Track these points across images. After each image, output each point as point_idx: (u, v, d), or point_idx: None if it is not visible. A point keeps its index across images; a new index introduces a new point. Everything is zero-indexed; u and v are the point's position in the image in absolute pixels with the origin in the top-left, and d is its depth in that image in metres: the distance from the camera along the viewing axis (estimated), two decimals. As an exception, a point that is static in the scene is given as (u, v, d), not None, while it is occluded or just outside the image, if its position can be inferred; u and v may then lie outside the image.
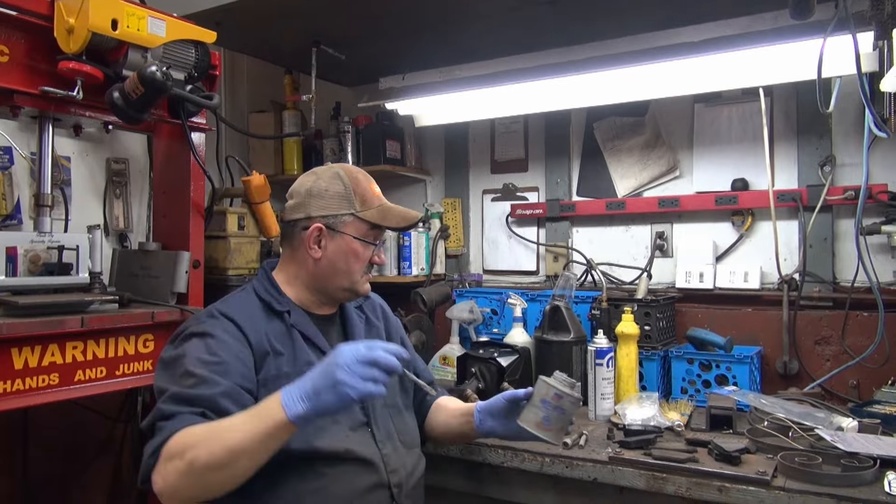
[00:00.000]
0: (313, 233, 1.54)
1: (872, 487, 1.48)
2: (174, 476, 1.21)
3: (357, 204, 1.57)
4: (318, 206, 1.56)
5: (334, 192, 1.57)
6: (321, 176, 1.60)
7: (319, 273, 1.57)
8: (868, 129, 1.97)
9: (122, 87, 1.73)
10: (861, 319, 2.25)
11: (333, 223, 1.55)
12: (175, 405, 1.30)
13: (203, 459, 1.19)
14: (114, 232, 2.58)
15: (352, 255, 1.56)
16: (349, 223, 1.56)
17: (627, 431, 1.84)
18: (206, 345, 1.40)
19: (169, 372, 1.39)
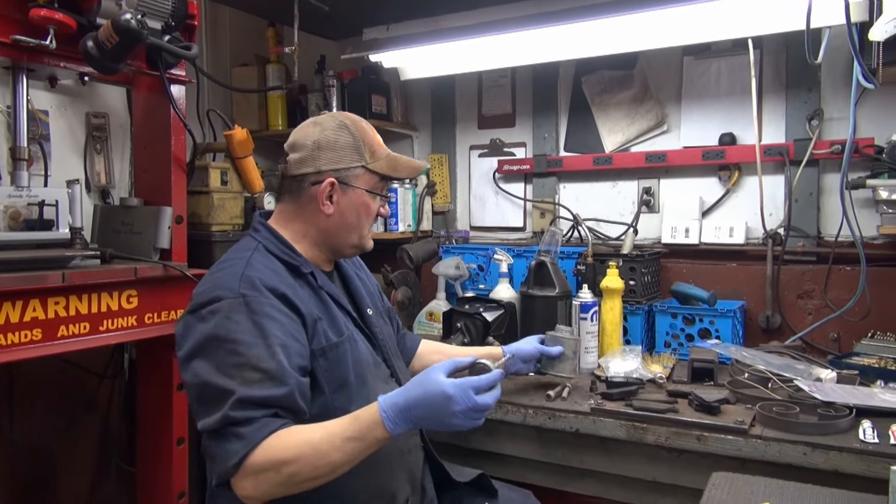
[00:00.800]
0: (326, 188, 1.46)
1: (847, 436, 1.51)
2: (268, 486, 1.22)
3: (367, 155, 1.50)
4: (328, 159, 1.47)
5: (344, 144, 1.48)
6: (326, 126, 1.50)
7: (331, 229, 1.50)
8: (856, 80, 1.95)
9: (96, 35, 1.69)
10: (843, 273, 2.26)
11: (345, 177, 1.48)
12: (247, 410, 1.23)
13: (305, 474, 1.23)
14: (95, 188, 2.54)
15: (363, 209, 1.51)
16: (360, 176, 1.49)
17: (610, 383, 1.86)
18: (260, 328, 1.30)
19: (219, 357, 1.28)
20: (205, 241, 2.25)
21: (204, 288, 1.38)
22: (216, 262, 1.48)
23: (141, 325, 2.03)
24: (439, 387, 1.26)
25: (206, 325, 1.30)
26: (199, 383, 1.28)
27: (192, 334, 1.32)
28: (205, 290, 1.37)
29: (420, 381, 1.29)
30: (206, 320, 1.31)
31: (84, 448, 2.58)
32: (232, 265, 1.41)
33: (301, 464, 1.22)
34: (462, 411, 1.25)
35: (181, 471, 2.23)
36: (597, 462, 1.78)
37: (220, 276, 1.38)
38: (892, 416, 1.59)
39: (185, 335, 1.34)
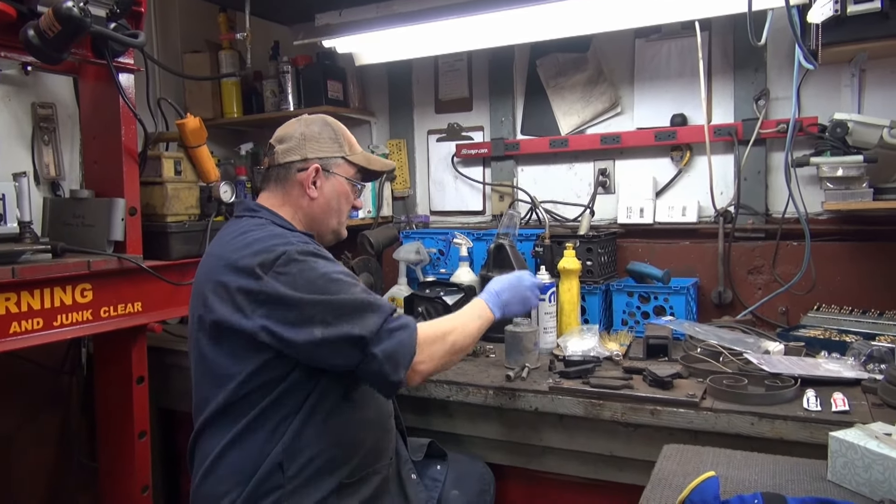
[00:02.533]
0: (311, 173, 1.62)
1: (792, 405, 1.58)
2: (440, 356, 1.52)
3: (346, 148, 1.69)
4: (313, 148, 1.64)
5: (327, 137, 1.67)
6: (311, 122, 1.69)
7: (315, 213, 1.65)
8: (798, 62, 2.01)
9: (37, 24, 1.63)
10: (791, 249, 2.34)
11: (328, 164, 1.65)
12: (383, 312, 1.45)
13: (460, 343, 1.57)
14: (44, 180, 2.48)
15: (343, 195, 1.68)
16: (340, 165, 1.67)
17: (567, 362, 1.90)
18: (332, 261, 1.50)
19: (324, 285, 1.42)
20: (160, 233, 2.22)
21: (253, 251, 1.45)
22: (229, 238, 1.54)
23: (97, 319, 2.01)
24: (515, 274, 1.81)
25: (292, 276, 1.41)
26: (334, 306, 1.41)
27: (283, 286, 1.40)
28: (256, 251, 1.45)
29: (498, 278, 1.79)
30: (288, 272, 1.42)
31: (44, 445, 2.54)
32: (263, 231, 1.53)
33: (456, 333, 1.56)
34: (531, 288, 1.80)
35: (144, 464, 2.22)
36: (556, 439, 1.82)
37: (261, 240, 1.48)
38: (834, 385, 1.67)
39: (277, 290, 1.40)
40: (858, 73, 2.23)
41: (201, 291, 1.52)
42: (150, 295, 2.15)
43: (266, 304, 1.40)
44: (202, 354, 1.51)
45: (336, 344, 1.39)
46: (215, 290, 1.46)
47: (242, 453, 1.45)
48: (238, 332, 1.43)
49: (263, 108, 3.11)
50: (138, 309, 2.12)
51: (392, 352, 1.41)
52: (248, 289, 1.42)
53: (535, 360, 1.98)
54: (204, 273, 1.55)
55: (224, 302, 1.44)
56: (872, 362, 1.74)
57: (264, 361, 1.43)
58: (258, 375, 1.44)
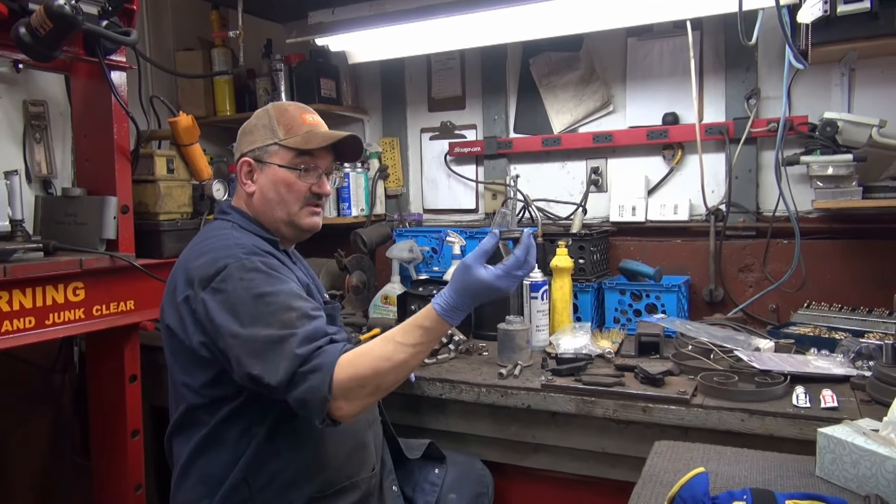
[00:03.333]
0: (242, 167, 1.58)
1: (782, 401, 1.59)
2: (362, 400, 1.34)
3: (281, 132, 1.56)
4: (246, 141, 1.60)
5: (260, 126, 1.59)
6: (255, 115, 1.63)
7: (257, 207, 1.58)
8: (788, 61, 2.02)
9: (28, 21, 1.63)
10: (781, 247, 2.36)
11: (259, 155, 1.57)
12: (307, 344, 1.32)
13: (388, 382, 1.36)
14: (36, 178, 2.47)
15: (282, 184, 1.55)
16: (274, 153, 1.56)
17: (560, 360, 1.91)
18: (275, 279, 1.40)
19: (254, 312, 1.34)
20: (153, 231, 2.22)
21: (202, 262, 1.42)
22: (194, 243, 1.54)
23: (89, 318, 2.00)
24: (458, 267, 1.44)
25: (225, 294, 1.36)
26: (248, 343, 1.33)
27: (216, 306, 1.36)
28: (204, 263, 1.41)
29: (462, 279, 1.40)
30: (223, 290, 1.37)
31: (36, 444, 2.53)
32: (218, 240, 1.48)
33: (381, 375, 1.34)
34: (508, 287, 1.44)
35: (137, 463, 2.22)
36: (549, 436, 1.83)
37: (214, 249, 1.44)
38: (823, 382, 1.68)
39: (208, 311, 1.37)
40: (848, 73, 2.25)
41: (166, 297, 1.53)
42: (143, 293, 2.14)
43: (201, 321, 1.39)
44: (167, 359, 1.53)
45: (250, 381, 1.33)
46: (170, 297, 1.48)
47: (209, 462, 1.45)
48: (186, 346, 1.43)
49: (256, 106, 3.09)
50: (131, 307, 2.11)
51: (301, 399, 1.31)
52: (187, 300, 1.42)
53: (527, 358, 1.99)
54: (171, 278, 1.54)
55: (173, 311, 1.46)
56: (861, 359, 1.76)
57: (215, 375, 1.42)
58: (212, 387, 1.44)
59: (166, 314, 1.50)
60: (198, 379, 1.44)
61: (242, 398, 1.43)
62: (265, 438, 1.44)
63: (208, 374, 1.43)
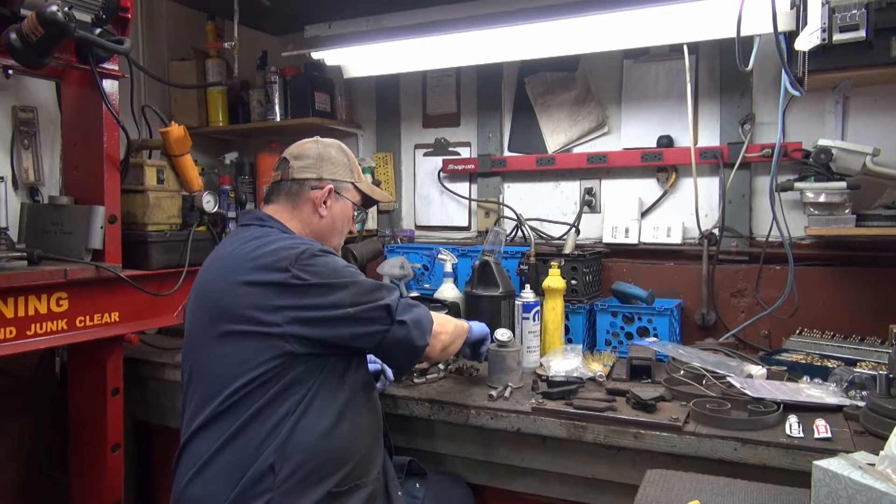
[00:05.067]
0: (325, 193, 1.70)
1: (775, 430, 1.57)
2: (449, 330, 1.74)
3: (356, 175, 1.79)
4: (329, 170, 1.73)
5: (341, 162, 1.76)
6: (328, 145, 1.77)
7: (322, 230, 1.72)
8: (784, 88, 2.03)
9: (19, 27, 1.61)
10: (774, 272, 2.35)
11: (339, 187, 1.74)
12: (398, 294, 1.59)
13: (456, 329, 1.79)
14: (23, 185, 2.43)
15: (347, 218, 1.77)
16: (348, 190, 1.76)
17: (551, 383, 1.88)
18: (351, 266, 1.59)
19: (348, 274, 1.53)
20: (140, 242, 2.18)
21: (274, 248, 1.51)
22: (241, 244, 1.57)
23: (72, 329, 1.97)
24: None
25: (316, 267, 1.49)
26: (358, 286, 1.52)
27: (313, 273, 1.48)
28: (278, 249, 1.51)
29: None
30: (313, 264, 1.49)
31: (14, 457, 2.47)
32: (276, 236, 1.59)
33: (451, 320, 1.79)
34: None
35: (116, 478, 2.17)
36: (538, 460, 1.80)
37: (280, 240, 1.56)
38: (817, 411, 1.67)
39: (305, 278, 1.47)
40: (842, 101, 2.26)
41: (212, 294, 1.54)
42: (128, 305, 2.11)
43: (297, 293, 1.46)
44: (206, 359, 1.52)
45: (367, 315, 1.50)
46: (235, 290, 1.49)
47: (236, 453, 1.44)
48: (252, 332, 1.46)
49: (250, 118, 3.08)
50: (115, 319, 2.08)
51: (417, 319, 1.57)
52: (277, 282, 1.47)
53: (518, 380, 1.96)
54: (217, 276, 1.56)
55: (249, 299, 1.47)
56: (854, 389, 1.75)
57: (270, 359, 1.45)
58: (262, 374, 1.45)
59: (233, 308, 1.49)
60: (252, 365, 1.45)
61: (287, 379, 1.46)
62: (296, 424, 1.45)
63: (266, 356, 1.45)
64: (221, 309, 1.50)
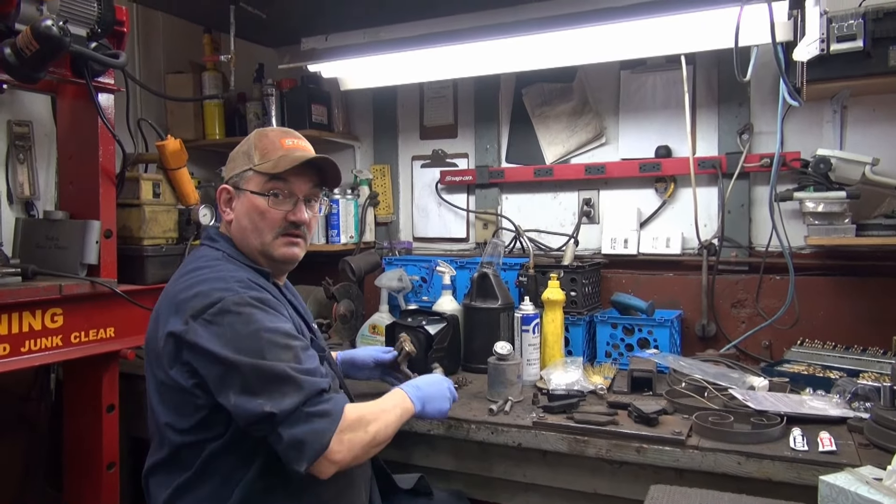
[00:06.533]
0: (221, 194, 1.56)
1: (778, 443, 1.55)
2: (360, 445, 1.36)
3: (256, 158, 1.52)
4: (228, 169, 1.58)
5: (241, 153, 1.56)
6: (239, 143, 1.60)
7: (235, 235, 1.55)
8: (782, 98, 2.02)
9: (14, 42, 1.59)
10: (774, 283, 2.34)
11: (236, 181, 1.54)
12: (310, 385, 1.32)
13: (381, 435, 1.42)
14: (18, 200, 2.41)
15: (254, 211, 1.50)
16: (249, 178, 1.52)
17: (551, 396, 1.86)
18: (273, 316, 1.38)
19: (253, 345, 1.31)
20: (136, 256, 2.16)
21: (193, 293, 1.37)
22: (182, 273, 1.47)
23: (67, 345, 1.94)
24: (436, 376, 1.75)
25: (221, 327, 1.31)
26: (250, 374, 1.29)
27: (210, 337, 1.31)
28: (195, 295, 1.36)
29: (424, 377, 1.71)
30: (218, 322, 1.32)
31: (7, 474, 2.44)
32: (211, 271, 1.43)
33: (379, 423, 1.41)
34: (450, 399, 1.65)
35: (112, 496, 2.14)
36: (540, 475, 1.78)
37: (206, 281, 1.39)
38: (820, 423, 1.65)
39: (200, 341, 1.31)
40: (840, 110, 2.26)
41: (150, 330, 1.47)
42: (124, 320, 2.08)
43: (190, 352, 1.33)
44: (149, 396, 1.46)
45: (246, 414, 1.28)
46: (156, 331, 1.42)
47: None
48: (170, 383, 1.37)
49: (246, 131, 3.05)
50: (111, 335, 2.05)
51: (300, 440, 1.27)
52: (176, 334, 1.34)
53: (518, 393, 1.94)
54: (155, 310, 1.48)
55: (159, 346, 1.39)
56: (857, 400, 1.73)
57: (203, 417, 1.37)
58: (197, 428, 1.37)
59: (151, 349, 1.44)
60: (184, 420, 1.37)
61: (227, 438, 1.37)
62: (251, 482, 1.37)
63: (197, 416, 1.36)
64: (152, 351, 1.43)
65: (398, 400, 1.53)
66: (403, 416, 1.51)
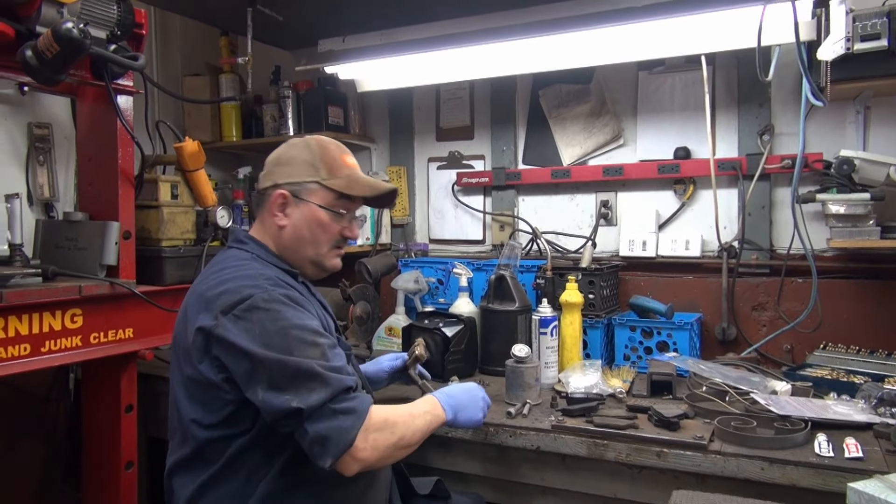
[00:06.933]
0: (277, 199, 1.54)
1: (803, 449, 1.52)
2: (384, 445, 1.36)
3: (323, 172, 1.55)
4: (283, 173, 1.55)
5: (301, 160, 1.55)
6: (293, 145, 1.60)
7: (285, 242, 1.56)
8: (805, 98, 1.99)
9: (35, 44, 1.61)
10: (796, 286, 2.31)
11: (297, 191, 1.54)
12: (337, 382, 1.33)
13: (407, 438, 1.42)
14: (38, 201, 2.44)
15: (316, 224, 1.54)
16: (315, 191, 1.54)
17: (570, 399, 1.85)
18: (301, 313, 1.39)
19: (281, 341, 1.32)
20: (154, 257, 2.17)
21: (222, 290, 1.38)
22: (210, 272, 1.49)
23: (86, 346, 1.95)
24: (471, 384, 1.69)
25: (250, 322, 1.32)
26: (278, 369, 1.30)
27: (239, 332, 1.32)
28: (225, 292, 1.37)
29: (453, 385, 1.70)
30: (247, 318, 1.33)
31: (27, 473, 2.47)
32: (239, 269, 1.44)
33: (405, 426, 1.41)
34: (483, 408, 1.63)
35: (130, 496, 2.15)
36: (558, 479, 1.76)
37: (235, 279, 1.40)
38: (846, 429, 1.62)
39: (229, 337, 1.32)
40: (863, 111, 2.22)
41: (178, 327, 1.48)
42: (142, 321, 2.09)
43: (219, 347, 1.34)
44: (175, 393, 1.46)
45: (273, 409, 1.30)
46: (186, 328, 1.42)
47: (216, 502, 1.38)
48: (198, 378, 1.38)
49: (263, 133, 3.08)
50: (129, 335, 2.06)
51: (324, 436, 1.28)
52: (205, 329, 1.35)
53: (536, 396, 1.93)
54: (183, 307, 1.49)
55: (188, 343, 1.39)
56: (883, 405, 1.70)
57: (231, 413, 1.37)
58: (224, 423, 1.38)
59: (179, 345, 1.45)
60: (212, 416, 1.38)
61: (253, 434, 1.38)
62: (275, 479, 1.38)
63: (224, 411, 1.37)
64: (180, 347, 1.44)
65: (429, 406, 1.53)
66: (433, 422, 1.50)
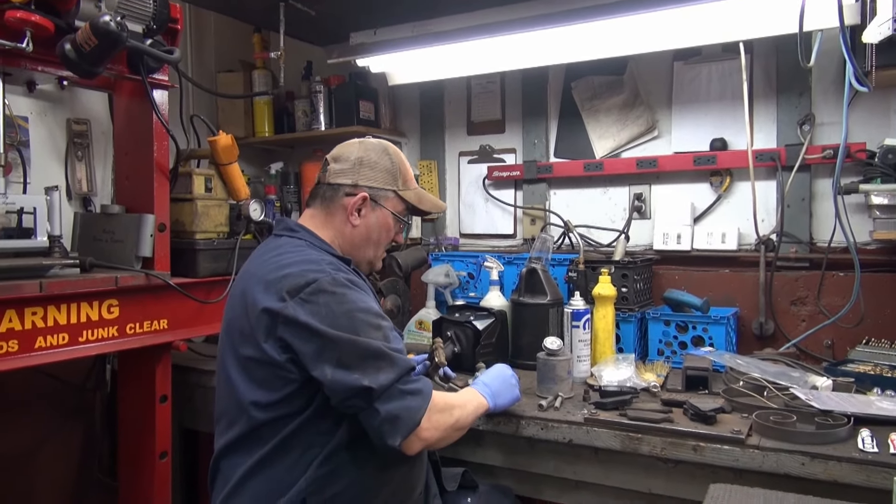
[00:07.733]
0: (358, 201, 1.59)
1: (846, 444, 1.48)
2: (443, 427, 1.45)
3: (400, 182, 1.65)
4: (366, 176, 1.61)
5: (383, 167, 1.63)
6: (370, 148, 1.65)
7: (354, 241, 1.62)
8: (848, 83, 1.93)
9: (74, 38, 1.64)
10: (837, 279, 2.24)
11: (376, 195, 1.61)
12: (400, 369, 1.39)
13: (462, 421, 1.52)
14: (76, 195, 2.49)
15: (385, 228, 1.64)
16: (390, 199, 1.64)
17: (603, 393, 1.82)
18: (364, 297, 1.45)
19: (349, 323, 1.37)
20: (188, 250, 2.20)
21: (286, 273, 1.42)
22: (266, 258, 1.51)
23: (122, 336, 1.98)
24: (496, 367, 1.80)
25: (317, 305, 1.37)
26: (348, 348, 1.35)
27: (308, 314, 1.36)
28: (289, 275, 1.41)
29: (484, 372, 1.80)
30: (314, 301, 1.37)
31: (65, 462, 2.52)
32: (299, 254, 1.49)
33: (460, 410, 1.51)
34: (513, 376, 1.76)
35: (164, 485, 2.18)
36: (591, 473, 1.73)
37: (297, 263, 1.44)
38: (890, 425, 1.56)
39: (299, 318, 1.36)
40: (909, 98, 2.15)
41: (234, 310, 1.50)
42: (177, 312, 2.12)
43: (287, 327, 1.37)
44: (228, 375, 1.47)
45: (342, 388, 1.34)
46: (246, 312, 1.44)
47: (265, 483, 1.40)
48: (260, 358, 1.40)
49: (295, 128, 3.11)
50: (164, 326, 2.09)
51: (395, 415, 1.35)
52: (273, 310, 1.38)
53: (568, 390, 1.90)
54: (239, 291, 1.52)
55: (256, 323, 1.41)
56: (930, 401, 1.64)
57: (291, 391, 1.39)
58: (282, 403, 1.40)
59: (235, 328, 1.46)
60: (271, 394, 1.40)
61: (308, 414, 1.40)
62: (326, 459, 1.40)
63: (285, 390, 1.39)
64: (237, 330, 1.46)
65: (472, 396, 1.63)
66: (479, 409, 1.61)
